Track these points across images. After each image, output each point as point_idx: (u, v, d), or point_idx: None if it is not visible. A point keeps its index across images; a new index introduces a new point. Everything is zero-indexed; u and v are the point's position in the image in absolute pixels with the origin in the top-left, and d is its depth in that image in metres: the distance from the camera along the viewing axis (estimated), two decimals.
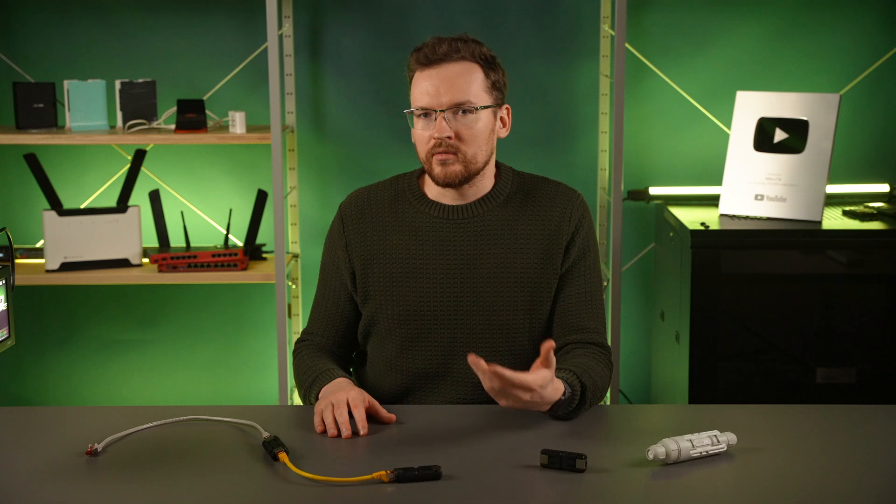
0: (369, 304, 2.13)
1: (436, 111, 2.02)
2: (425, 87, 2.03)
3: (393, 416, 1.92)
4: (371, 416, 1.91)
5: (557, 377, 1.87)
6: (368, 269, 2.12)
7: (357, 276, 2.13)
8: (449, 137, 2.02)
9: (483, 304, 2.08)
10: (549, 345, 1.79)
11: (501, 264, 2.09)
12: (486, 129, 2.06)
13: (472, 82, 2.03)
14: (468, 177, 2.07)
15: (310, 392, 2.03)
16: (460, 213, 2.11)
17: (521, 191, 2.15)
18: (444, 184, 2.06)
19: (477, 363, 1.76)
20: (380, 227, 2.13)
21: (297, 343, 2.20)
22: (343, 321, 2.17)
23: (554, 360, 1.81)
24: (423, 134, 2.05)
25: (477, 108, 2.04)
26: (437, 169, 2.05)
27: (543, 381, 1.79)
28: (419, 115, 2.05)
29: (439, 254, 2.10)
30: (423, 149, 2.06)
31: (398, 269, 2.10)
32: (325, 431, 1.86)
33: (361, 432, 1.84)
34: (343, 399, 1.89)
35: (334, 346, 2.17)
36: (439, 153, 2.03)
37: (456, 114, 2.02)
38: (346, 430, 1.84)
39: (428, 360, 2.09)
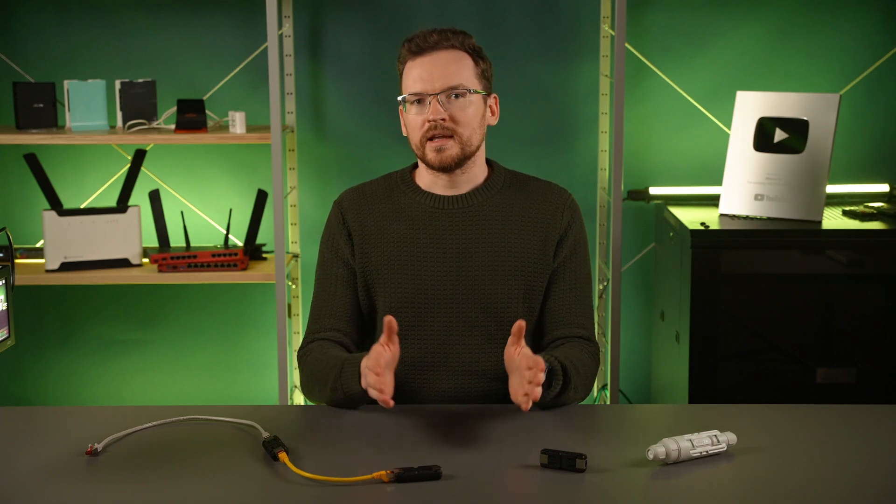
0: (367, 294, 2.14)
1: (429, 95, 2.05)
2: (418, 74, 2.07)
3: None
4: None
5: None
6: (367, 258, 2.13)
7: (357, 265, 2.14)
8: (443, 119, 2.05)
9: (479, 293, 2.09)
10: (519, 324, 1.88)
11: (497, 253, 2.11)
12: (478, 114, 2.10)
13: (462, 68, 2.09)
14: (462, 160, 2.09)
15: (338, 381, 1.99)
16: (456, 202, 2.13)
17: (513, 185, 2.19)
18: (440, 168, 2.09)
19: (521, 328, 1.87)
20: (377, 217, 2.15)
21: (305, 345, 2.15)
22: (355, 312, 2.15)
23: (522, 332, 1.89)
24: (416, 119, 2.08)
25: (469, 91, 2.08)
26: (431, 155, 2.08)
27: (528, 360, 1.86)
28: (412, 102, 2.08)
29: (435, 242, 2.11)
30: (416, 135, 2.09)
31: (395, 258, 2.12)
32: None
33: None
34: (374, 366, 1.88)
35: (345, 339, 2.13)
36: (435, 138, 2.06)
37: (449, 97, 2.07)
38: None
39: (424, 349, 2.09)
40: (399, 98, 2.11)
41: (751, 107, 3.16)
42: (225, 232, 3.36)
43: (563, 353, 2.04)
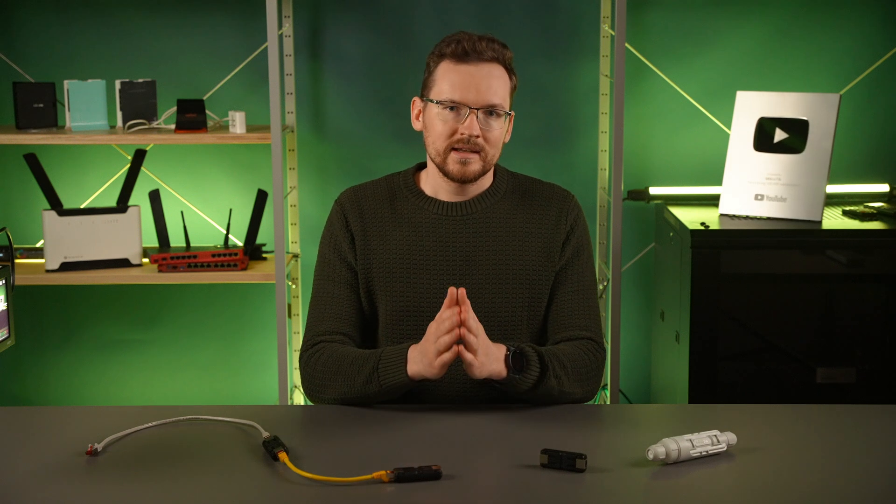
0: (369, 297, 2.13)
1: (468, 108, 2.03)
2: (459, 81, 2.03)
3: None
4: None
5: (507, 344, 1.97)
6: (370, 264, 2.12)
7: (359, 271, 2.13)
8: (477, 136, 2.03)
9: (482, 300, 2.08)
10: (452, 291, 1.89)
11: (501, 261, 2.10)
12: (503, 133, 2.10)
13: (502, 86, 2.07)
14: (481, 175, 2.09)
15: (374, 374, 1.97)
16: (460, 209, 2.12)
17: (517, 190, 2.17)
18: (460, 180, 2.08)
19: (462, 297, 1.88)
20: (379, 223, 2.14)
21: (308, 347, 2.11)
22: (358, 314, 2.13)
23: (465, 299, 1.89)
24: (445, 126, 2.05)
25: (507, 113, 2.07)
26: (454, 166, 2.06)
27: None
28: (446, 107, 2.05)
29: (440, 250, 2.10)
30: (441, 141, 2.06)
31: (398, 265, 2.10)
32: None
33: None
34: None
35: (350, 342, 2.11)
36: (462, 151, 2.05)
37: (487, 115, 2.05)
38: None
39: None
40: (431, 99, 2.07)
41: (751, 107, 3.16)
42: (225, 232, 3.36)
43: (551, 347, 2.04)
